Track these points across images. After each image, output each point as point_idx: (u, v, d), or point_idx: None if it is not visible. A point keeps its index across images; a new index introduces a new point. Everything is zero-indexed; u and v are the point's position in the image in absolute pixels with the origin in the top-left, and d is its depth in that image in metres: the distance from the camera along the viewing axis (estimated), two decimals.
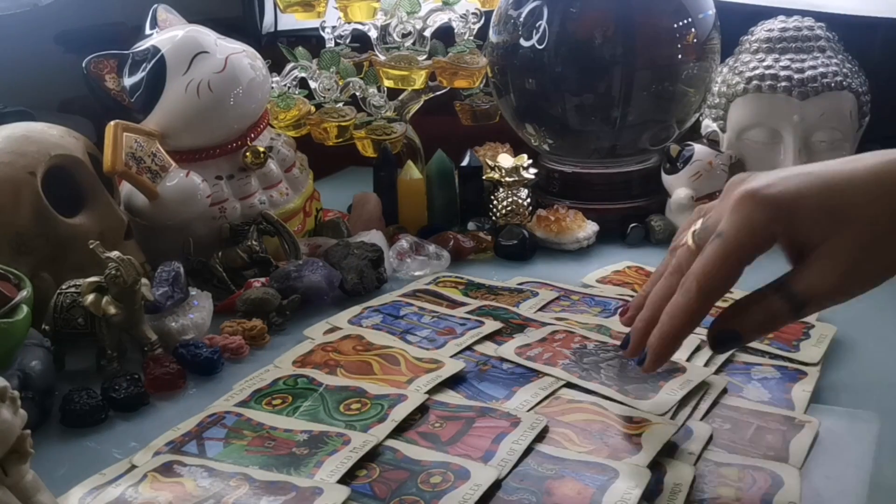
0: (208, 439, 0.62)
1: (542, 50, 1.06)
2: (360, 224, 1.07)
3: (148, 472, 0.58)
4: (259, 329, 0.81)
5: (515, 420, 0.63)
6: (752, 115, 1.05)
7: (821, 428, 0.62)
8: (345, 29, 1.14)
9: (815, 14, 1.09)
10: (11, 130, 0.83)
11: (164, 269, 0.81)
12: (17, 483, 0.47)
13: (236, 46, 0.96)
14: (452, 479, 0.56)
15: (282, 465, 0.59)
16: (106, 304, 0.73)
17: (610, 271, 0.96)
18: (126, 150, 0.85)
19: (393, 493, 0.55)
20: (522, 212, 1.07)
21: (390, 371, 0.72)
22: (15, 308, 0.67)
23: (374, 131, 1.10)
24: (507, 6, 1.11)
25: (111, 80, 0.92)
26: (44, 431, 0.67)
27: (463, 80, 1.11)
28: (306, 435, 0.62)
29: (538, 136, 1.15)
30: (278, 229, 0.95)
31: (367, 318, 0.84)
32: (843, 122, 1.03)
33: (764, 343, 0.75)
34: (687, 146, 1.06)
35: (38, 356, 0.69)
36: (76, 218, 0.84)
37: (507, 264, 1.01)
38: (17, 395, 0.47)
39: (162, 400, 0.72)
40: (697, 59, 1.07)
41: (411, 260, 0.98)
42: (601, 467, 0.57)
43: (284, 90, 1.11)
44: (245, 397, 0.69)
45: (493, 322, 0.81)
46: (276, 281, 0.88)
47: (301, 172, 1.04)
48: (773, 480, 0.56)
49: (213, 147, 0.95)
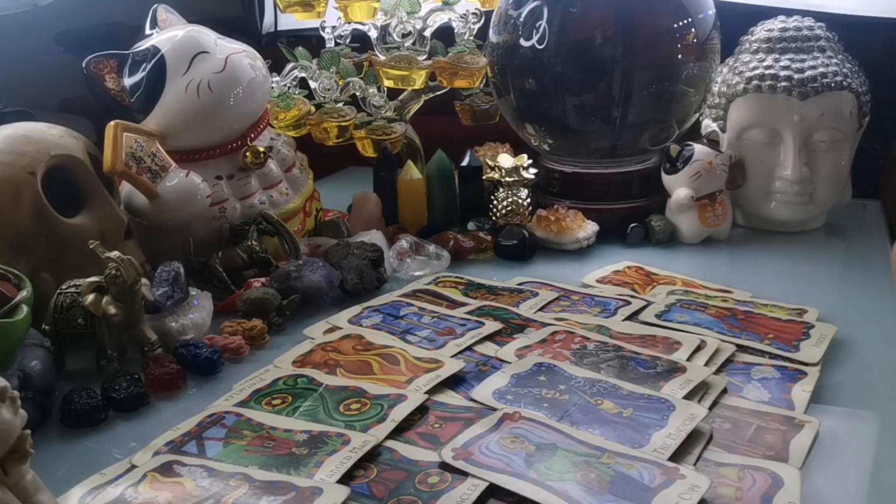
0: (208, 439, 0.62)
1: (542, 50, 1.06)
2: (360, 224, 1.07)
3: (148, 472, 0.58)
4: (259, 329, 0.81)
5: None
6: (752, 115, 1.05)
7: (821, 428, 0.62)
8: (345, 29, 1.14)
9: (815, 14, 1.09)
10: (11, 130, 0.83)
11: (164, 269, 0.81)
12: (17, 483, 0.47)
13: (236, 46, 0.96)
14: (450, 479, 0.56)
15: (281, 465, 0.59)
16: (106, 304, 0.73)
17: (610, 271, 0.96)
18: (126, 150, 0.85)
19: (391, 493, 0.55)
20: (522, 212, 1.07)
21: (390, 371, 0.72)
22: (15, 308, 0.67)
23: (374, 131, 1.10)
24: (507, 6, 1.11)
25: (111, 80, 0.92)
26: (44, 431, 0.67)
27: (463, 80, 1.11)
28: (306, 435, 0.62)
29: (538, 136, 1.15)
30: (278, 229, 0.95)
31: (367, 318, 0.84)
32: (843, 121, 1.04)
33: (764, 343, 0.75)
34: (687, 146, 1.06)
35: (38, 356, 0.69)
36: (76, 218, 0.84)
37: (507, 264, 1.01)
38: (17, 395, 0.47)
39: (162, 400, 0.72)
40: (697, 59, 1.07)
41: (411, 260, 0.98)
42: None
43: (284, 90, 1.11)
44: (245, 397, 0.69)
45: (494, 322, 0.81)
46: (276, 281, 0.88)
47: (301, 172, 1.04)
48: (773, 480, 0.56)
49: (213, 147, 0.95)
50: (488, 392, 0.68)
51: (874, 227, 1.12)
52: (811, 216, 1.08)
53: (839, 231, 1.10)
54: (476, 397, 0.67)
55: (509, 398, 0.67)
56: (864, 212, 1.16)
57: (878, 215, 1.16)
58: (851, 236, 1.08)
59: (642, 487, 0.54)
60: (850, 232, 1.09)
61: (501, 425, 0.62)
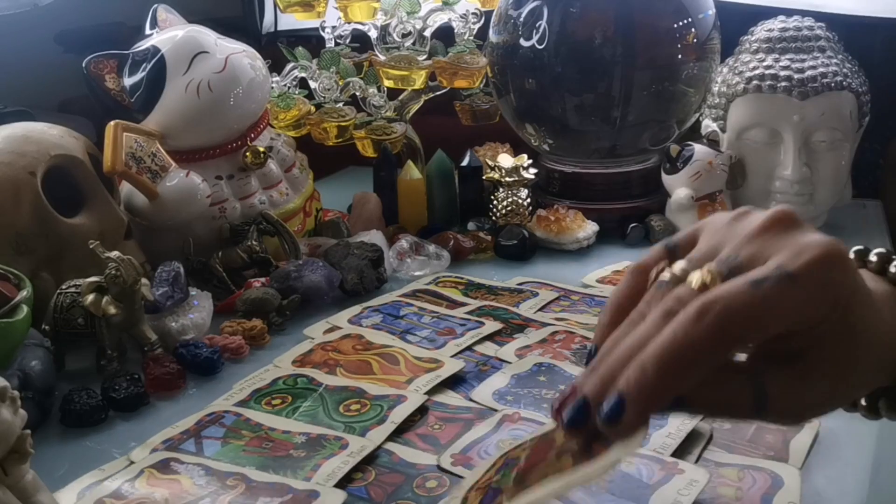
0: (206, 438, 0.63)
1: (542, 50, 1.06)
2: (360, 224, 1.07)
3: (145, 468, 0.58)
4: (259, 329, 0.81)
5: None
6: (752, 115, 1.05)
7: (821, 428, 0.62)
8: (345, 29, 1.14)
9: (815, 14, 1.09)
10: (11, 130, 0.83)
11: (164, 269, 0.81)
12: (17, 483, 0.47)
13: (236, 46, 0.96)
14: (448, 483, 0.56)
15: (279, 466, 0.59)
16: (106, 304, 0.73)
17: (610, 271, 0.96)
18: (126, 150, 0.85)
19: (389, 497, 0.55)
20: (522, 212, 1.07)
21: (390, 371, 0.72)
22: (15, 308, 0.67)
23: (374, 131, 1.10)
24: (507, 6, 1.11)
25: (111, 80, 0.92)
26: (44, 431, 0.67)
27: (463, 80, 1.11)
28: (304, 437, 0.62)
29: (538, 136, 1.15)
30: (278, 229, 0.95)
31: (367, 318, 0.84)
32: (843, 122, 1.03)
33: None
34: (687, 146, 1.06)
35: (38, 356, 0.69)
36: (76, 218, 0.84)
37: (507, 264, 1.01)
38: (17, 395, 0.47)
39: (162, 400, 0.72)
40: (697, 59, 1.07)
41: (411, 260, 0.98)
42: None
43: (284, 90, 1.11)
44: (245, 397, 0.69)
45: (494, 322, 0.81)
46: (276, 281, 0.88)
47: (301, 172, 1.04)
48: (773, 480, 0.56)
49: (213, 147, 0.95)
50: (488, 393, 0.68)
51: (874, 227, 1.11)
52: (811, 216, 1.07)
53: (839, 231, 1.10)
54: (476, 398, 0.67)
55: (509, 398, 0.67)
56: (864, 212, 1.16)
57: (878, 215, 1.16)
58: (851, 236, 1.08)
59: (641, 485, 0.54)
60: (850, 232, 1.09)
61: (501, 427, 0.62)
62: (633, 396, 0.35)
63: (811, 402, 0.38)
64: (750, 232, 0.38)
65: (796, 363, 0.37)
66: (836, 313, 0.36)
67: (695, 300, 0.36)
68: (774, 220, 0.38)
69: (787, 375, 0.37)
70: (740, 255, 0.37)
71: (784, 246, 0.37)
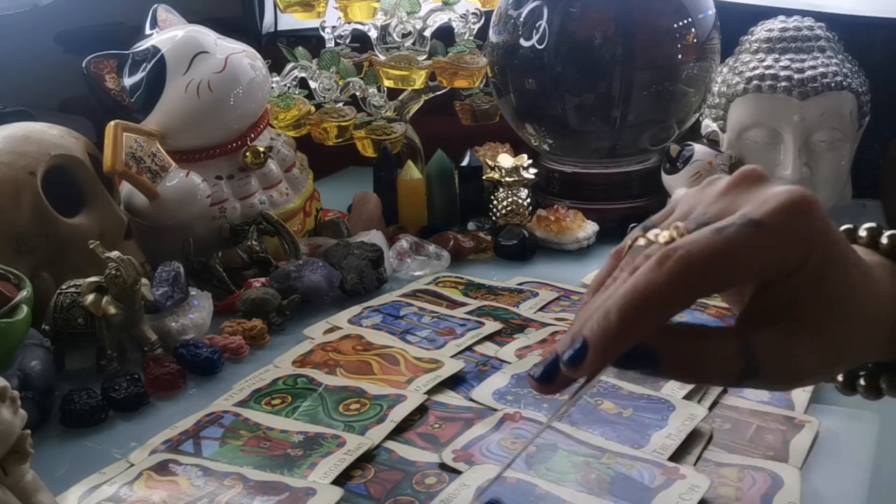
0: (205, 438, 0.63)
1: (542, 50, 1.06)
2: (360, 224, 1.07)
3: (143, 471, 0.58)
4: (259, 329, 0.81)
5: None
6: (752, 115, 1.05)
7: (821, 428, 0.62)
8: (345, 29, 1.14)
9: (815, 14, 1.09)
10: (11, 130, 0.83)
11: (164, 269, 0.81)
12: (17, 483, 0.47)
13: (236, 46, 0.96)
14: (447, 479, 0.56)
15: (276, 465, 0.59)
16: (106, 304, 0.73)
17: None
18: (126, 150, 0.85)
19: (388, 494, 0.55)
20: (522, 212, 1.07)
21: (390, 371, 0.72)
22: (15, 308, 0.67)
23: (374, 131, 1.10)
24: (507, 6, 1.11)
25: (111, 80, 0.92)
26: (44, 431, 0.67)
27: (463, 80, 1.11)
28: (302, 436, 0.62)
29: (538, 136, 1.15)
30: (278, 229, 0.95)
31: (367, 318, 0.84)
32: (843, 122, 1.03)
33: None
34: (687, 146, 1.06)
35: (38, 356, 0.69)
36: (76, 218, 0.84)
37: (507, 264, 1.01)
38: (17, 395, 0.47)
39: (162, 400, 0.72)
40: (697, 59, 1.07)
41: (411, 260, 0.98)
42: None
43: (284, 90, 1.11)
44: (245, 397, 0.69)
45: (494, 322, 0.81)
46: (276, 281, 0.88)
47: (301, 172, 1.04)
48: (773, 480, 0.56)
49: (213, 147, 0.95)
50: (488, 392, 0.68)
51: None
52: None
53: None
54: (476, 398, 0.67)
55: (509, 398, 0.67)
56: (864, 212, 1.16)
57: (878, 215, 1.15)
58: None
59: (642, 488, 0.54)
60: None
61: (502, 426, 0.62)
62: (595, 338, 0.35)
63: (800, 365, 0.37)
64: (719, 190, 0.39)
65: (780, 321, 0.37)
66: (812, 260, 0.36)
67: (659, 251, 0.36)
68: (741, 177, 0.39)
69: (773, 333, 0.37)
70: (709, 212, 0.38)
71: (751, 198, 0.37)
